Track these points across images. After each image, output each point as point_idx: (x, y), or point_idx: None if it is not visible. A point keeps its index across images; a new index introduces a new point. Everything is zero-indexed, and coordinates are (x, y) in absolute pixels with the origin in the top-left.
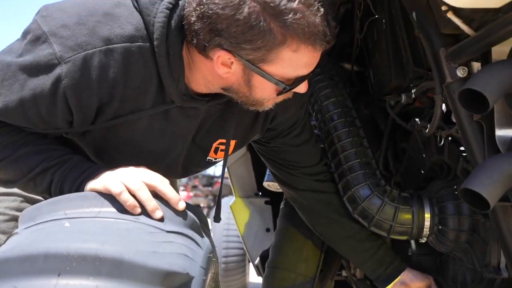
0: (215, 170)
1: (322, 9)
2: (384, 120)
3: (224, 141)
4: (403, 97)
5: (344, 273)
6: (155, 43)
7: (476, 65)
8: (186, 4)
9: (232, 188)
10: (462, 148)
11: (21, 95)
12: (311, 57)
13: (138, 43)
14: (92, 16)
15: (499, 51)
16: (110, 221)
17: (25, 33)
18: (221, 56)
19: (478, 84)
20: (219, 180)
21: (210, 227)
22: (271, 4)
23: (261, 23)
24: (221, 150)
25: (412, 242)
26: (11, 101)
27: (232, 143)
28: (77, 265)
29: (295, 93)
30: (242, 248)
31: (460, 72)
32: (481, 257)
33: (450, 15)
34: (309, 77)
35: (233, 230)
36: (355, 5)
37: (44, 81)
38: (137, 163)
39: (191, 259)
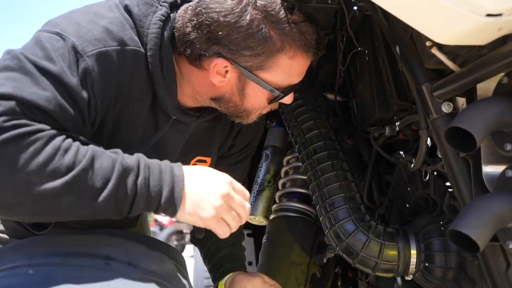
0: None
1: (313, 22)
2: (368, 152)
3: (203, 158)
4: (387, 129)
5: None
6: (148, 53)
7: (461, 101)
8: (177, 17)
9: None
10: (448, 184)
11: (54, 90)
12: (303, 65)
13: (142, 50)
14: (102, 19)
15: (484, 87)
16: (78, 269)
17: (36, 41)
18: (217, 64)
19: (465, 123)
20: None
21: (193, 253)
22: (272, 13)
23: (262, 30)
24: None
25: (398, 279)
26: (48, 97)
27: (209, 160)
28: None
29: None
30: None
31: (446, 108)
32: None
33: (434, 50)
34: (297, 87)
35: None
36: (338, 37)
37: (71, 74)
38: None
39: None
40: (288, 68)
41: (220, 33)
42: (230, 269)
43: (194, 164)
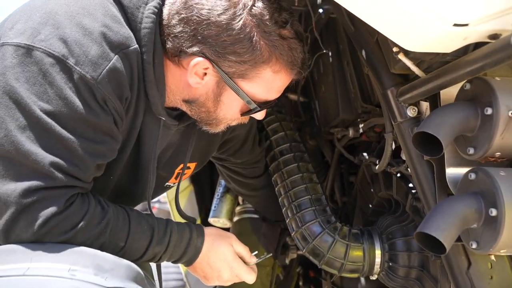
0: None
1: (302, 41)
2: (331, 152)
3: (187, 165)
4: (350, 130)
5: None
6: (143, 49)
7: (425, 105)
8: (165, 4)
9: None
10: (410, 185)
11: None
12: (284, 83)
13: (136, 45)
14: (93, 21)
15: (446, 92)
16: (41, 280)
17: (29, 63)
18: (198, 64)
19: (432, 127)
20: (156, 205)
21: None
22: (266, 23)
23: (253, 38)
24: (183, 174)
25: (362, 279)
26: (81, 147)
27: (193, 165)
28: None
29: None
30: (181, 279)
31: (410, 112)
32: None
33: (401, 56)
34: (272, 105)
35: (172, 266)
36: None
37: (92, 110)
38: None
39: None
40: (270, 82)
41: (208, 32)
42: None
43: (178, 173)
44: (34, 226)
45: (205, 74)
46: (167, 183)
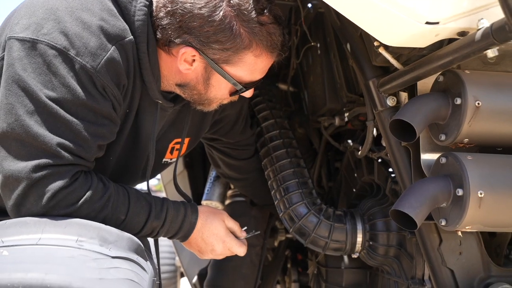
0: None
1: (281, 25)
2: (318, 140)
3: (179, 140)
4: (337, 119)
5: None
6: (137, 40)
7: (404, 95)
8: (154, 0)
9: None
10: (390, 170)
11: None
12: (267, 64)
13: (131, 37)
14: (91, 16)
15: (423, 83)
16: (52, 248)
17: (35, 55)
18: (186, 53)
19: (407, 115)
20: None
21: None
22: (244, 12)
23: (233, 27)
24: (177, 150)
25: (345, 256)
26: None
27: (187, 140)
28: None
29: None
30: (173, 264)
31: (390, 101)
32: (408, 270)
33: (381, 50)
34: (258, 84)
35: (165, 246)
36: (292, 32)
37: (93, 97)
38: (122, 162)
39: (138, 284)
40: (253, 65)
41: (192, 23)
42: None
43: (172, 147)
44: (43, 199)
45: (194, 60)
46: (164, 159)
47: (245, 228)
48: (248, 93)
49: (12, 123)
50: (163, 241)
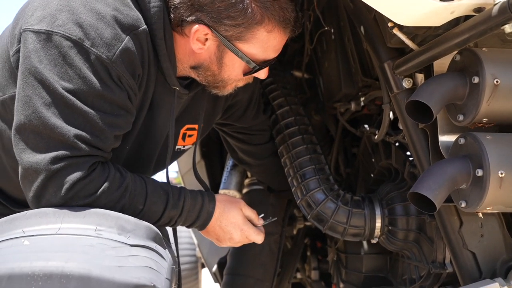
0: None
1: (293, 1)
2: (335, 126)
3: (191, 126)
4: (352, 104)
5: (299, 276)
6: (153, 27)
7: (420, 76)
8: None
9: None
10: (408, 153)
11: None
12: (280, 41)
13: (144, 26)
14: (105, 5)
15: (440, 64)
16: (72, 238)
17: (50, 47)
18: (198, 30)
19: (423, 96)
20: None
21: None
22: None
23: (244, 2)
24: (189, 136)
25: (364, 242)
26: (99, 119)
27: (196, 127)
28: (43, 284)
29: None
30: (194, 255)
31: (406, 83)
32: (428, 254)
33: (395, 31)
34: (272, 63)
35: (185, 237)
36: (305, 17)
37: (109, 88)
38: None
39: (157, 271)
40: (265, 42)
41: (203, 0)
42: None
43: (183, 134)
44: (62, 190)
45: (206, 39)
46: (177, 146)
47: (262, 215)
48: (262, 74)
49: (30, 115)
50: (183, 233)
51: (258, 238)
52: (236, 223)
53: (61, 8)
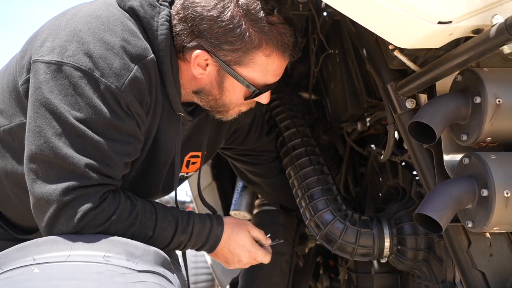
0: (186, 193)
1: (292, 26)
2: (343, 146)
3: (195, 153)
4: (359, 125)
5: None
6: (161, 54)
7: (423, 97)
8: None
9: None
10: (414, 172)
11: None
12: (279, 66)
13: (152, 55)
14: (113, 36)
15: (442, 84)
16: (81, 265)
17: (61, 77)
18: (199, 56)
19: (425, 117)
20: (190, 205)
21: (178, 253)
22: (252, 11)
23: (242, 27)
24: (192, 163)
25: (374, 262)
26: (109, 149)
27: (200, 154)
28: None
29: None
30: (210, 274)
31: (409, 104)
32: (438, 273)
33: (396, 53)
34: (273, 88)
35: (202, 256)
36: (310, 40)
37: (118, 116)
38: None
39: None
40: (264, 66)
41: (202, 26)
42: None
43: (187, 161)
44: (73, 220)
45: (207, 65)
46: (180, 174)
47: (269, 235)
48: (264, 98)
49: (41, 145)
50: (200, 252)
51: (265, 259)
52: (244, 245)
53: (70, 39)
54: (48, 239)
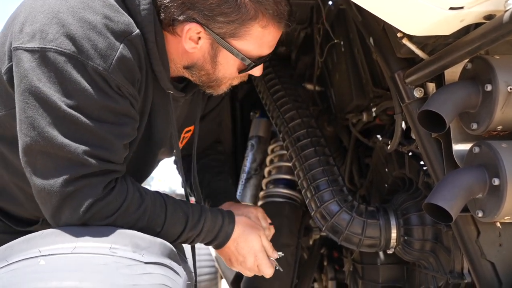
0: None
1: None
2: (348, 137)
3: (188, 128)
4: (364, 115)
5: (316, 286)
6: (145, 30)
7: (431, 86)
8: None
9: None
10: (421, 163)
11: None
12: (275, 36)
13: (137, 30)
14: (94, 14)
15: (451, 72)
16: (87, 256)
17: (46, 64)
18: (191, 29)
19: (435, 105)
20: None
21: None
22: None
23: None
24: (184, 138)
25: (380, 253)
26: (105, 133)
27: (192, 128)
28: None
29: None
30: (213, 266)
31: (417, 93)
32: (446, 264)
33: (405, 41)
34: (266, 60)
35: (204, 248)
36: (315, 30)
37: (110, 98)
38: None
39: None
40: (260, 38)
41: None
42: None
43: (184, 136)
44: (79, 212)
45: (199, 38)
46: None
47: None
48: (257, 71)
49: (35, 136)
50: (202, 244)
51: (268, 271)
52: (252, 248)
53: (49, 22)
54: (53, 231)
